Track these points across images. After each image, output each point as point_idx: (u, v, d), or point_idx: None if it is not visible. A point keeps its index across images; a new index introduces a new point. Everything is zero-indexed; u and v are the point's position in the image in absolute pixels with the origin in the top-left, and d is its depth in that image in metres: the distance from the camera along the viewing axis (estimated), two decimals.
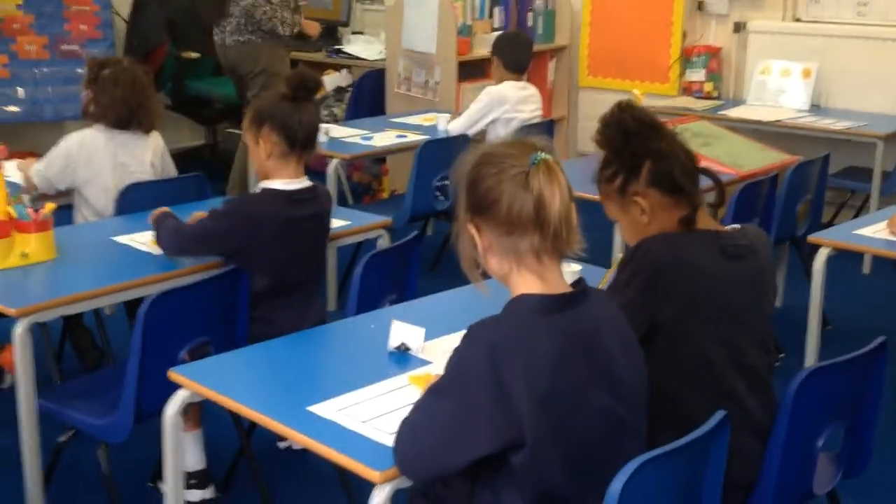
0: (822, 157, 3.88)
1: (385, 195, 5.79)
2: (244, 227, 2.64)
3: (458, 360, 1.60)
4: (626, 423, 1.63)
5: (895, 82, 5.04)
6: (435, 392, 1.65)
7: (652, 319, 1.91)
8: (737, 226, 2.08)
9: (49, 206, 2.79)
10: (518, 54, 4.69)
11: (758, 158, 3.97)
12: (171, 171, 3.55)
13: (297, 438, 1.80)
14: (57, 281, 2.66)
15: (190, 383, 2.01)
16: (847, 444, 2.06)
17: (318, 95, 5.84)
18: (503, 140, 1.71)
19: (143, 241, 2.92)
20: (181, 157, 6.55)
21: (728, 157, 3.91)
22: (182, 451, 2.72)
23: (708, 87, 5.55)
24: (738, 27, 5.55)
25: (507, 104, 4.54)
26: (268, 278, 2.68)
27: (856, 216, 4.61)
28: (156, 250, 2.80)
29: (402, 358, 2.12)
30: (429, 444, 1.61)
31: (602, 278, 2.27)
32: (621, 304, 1.77)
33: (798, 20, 5.47)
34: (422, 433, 1.62)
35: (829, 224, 4.30)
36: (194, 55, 6.19)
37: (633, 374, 1.66)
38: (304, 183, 2.76)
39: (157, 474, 2.78)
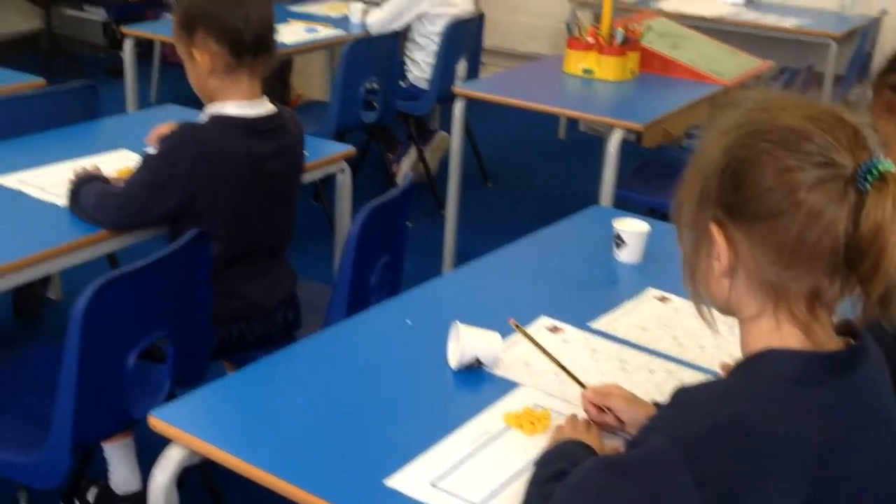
0: (806, 68, 3.47)
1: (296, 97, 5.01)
2: (190, 171, 1.94)
3: (657, 443, 1.04)
4: None
5: None
6: (615, 469, 1.09)
7: None
8: None
9: None
10: None
11: (733, 64, 3.52)
12: None
13: None
14: None
15: (185, 437, 1.37)
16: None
17: None
18: (803, 98, 1.05)
19: (38, 183, 2.17)
20: (13, 45, 5.58)
21: (703, 62, 3.44)
22: (109, 468, 2.11)
23: None
24: None
25: None
26: (227, 239, 2.01)
27: None
28: (58, 196, 2.07)
29: (474, 378, 1.55)
30: None
31: None
32: None
33: None
34: None
35: None
36: None
37: None
38: (265, 106, 2.06)
39: (75, 489, 2.14)
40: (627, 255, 1.96)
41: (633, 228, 1.95)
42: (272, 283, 2.12)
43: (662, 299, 1.81)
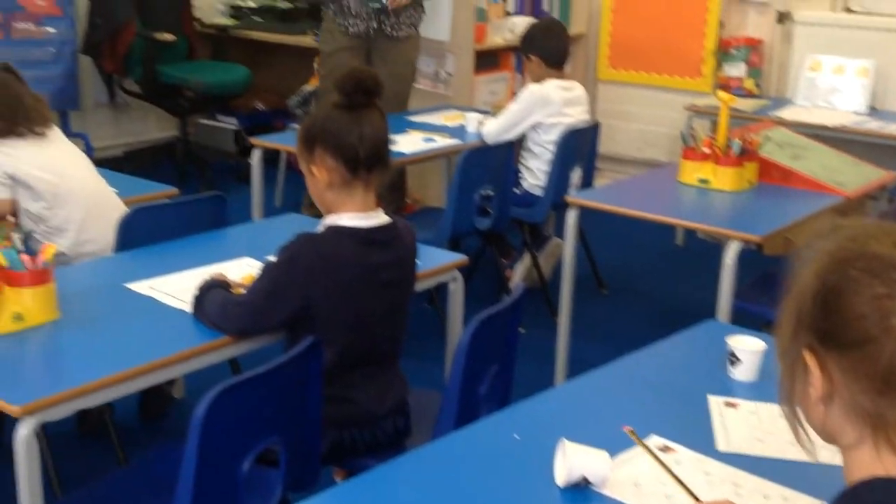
0: None
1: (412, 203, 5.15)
2: (307, 280, 2.02)
3: None
4: None
5: None
6: None
7: None
8: None
9: (49, 249, 2.13)
10: (557, 46, 4.10)
11: (856, 175, 3.46)
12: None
13: None
14: (67, 358, 2.01)
15: None
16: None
17: (310, 87, 5.23)
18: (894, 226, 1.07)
19: (167, 290, 2.28)
20: (150, 153, 5.92)
21: (825, 172, 3.39)
22: None
23: (748, 83, 5.03)
24: (782, 18, 5.03)
25: (551, 106, 3.96)
26: (341, 345, 2.07)
27: None
28: (184, 302, 2.17)
29: (582, 497, 1.53)
30: None
31: None
32: None
33: (849, 11, 4.98)
34: None
35: None
36: (168, 37, 5.45)
37: None
38: (379, 217, 2.14)
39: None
40: (742, 372, 1.92)
41: (748, 346, 1.92)
42: (383, 389, 2.16)
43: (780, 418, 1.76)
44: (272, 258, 2.07)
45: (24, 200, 2.76)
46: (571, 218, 3.29)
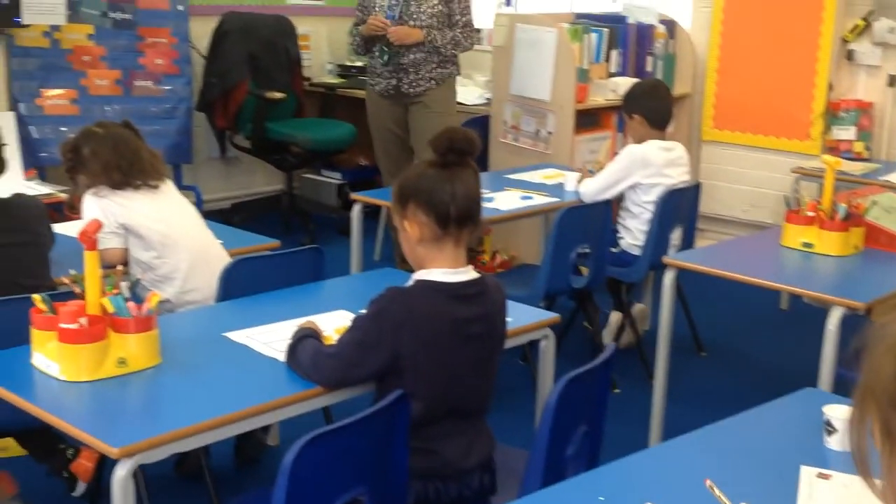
0: None
1: (486, 257, 5.19)
2: (396, 332, 2.05)
3: None
4: None
5: None
6: None
7: None
8: None
9: (154, 298, 2.22)
10: (661, 108, 4.09)
11: None
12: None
13: None
14: (165, 403, 2.08)
15: None
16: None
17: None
18: None
19: (263, 339, 2.34)
20: (257, 205, 6.11)
21: None
22: None
23: (858, 146, 4.92)
24: (893, 80, 4.92)
25: (651, 167, 3.94)
26: (428, 398, 2.08)
27: None
28: (279, 351, 2.22)
29: None
30: None
31: None
32: None
33: None
34: None
35: None
36: (278, 96, 5.64)
37: None
38: (468, 273, 2.17)
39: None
40: (839, 443, 1.86)
41: (845, 415, 1.86)
42: (469, 444, 2.16)
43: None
44: (363, 311, 2.11)
45: (135, 250, 2.88)
46: (668, 279, 3.25)
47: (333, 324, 2.36)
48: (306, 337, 2.17)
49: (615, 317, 4.24)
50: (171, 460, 2.99)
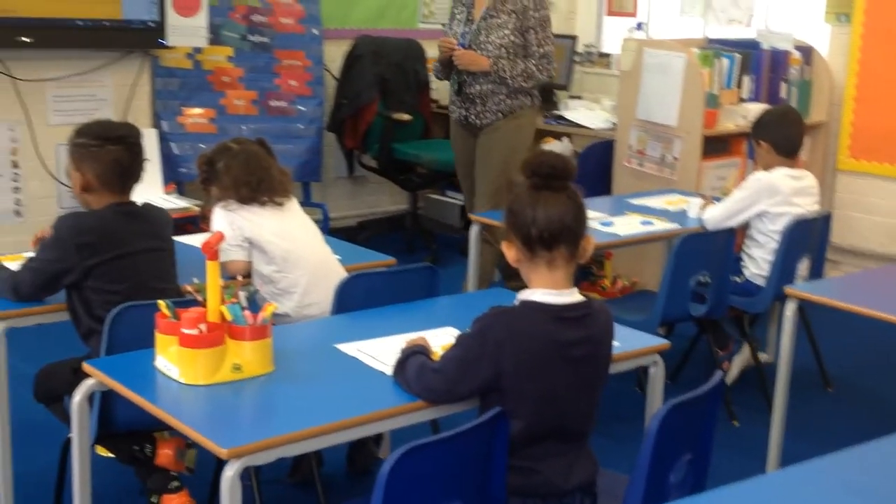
0: None
1: (607, 282, 5.15)
2: (497, 351, 2.07)
3: None
4: None
5: None
6: None
7: None
8: None
9: (269, 308, 2.30)
10: (790, 134, 3.98)
11: None
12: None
13: None
14: (275, 409, 2.16)
15: None
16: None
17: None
18: None
19: (373, 353, 2.39)
20: (382, 224, 6.24)
21: None
22: None
23: None
24: None
25: (778, 196, 3.84)
26: (528, 417, 2.09)
27: None
28: (387, 365, 2.27)
29: None
30: None
31: None
32: None
33: None
34: None
35: None
36: (406, 117, 5.76)
37: None
38: (573, 296, 2.16)
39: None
40: None
41: None
42: (570, 465, 2.15)
43: None
44: (468, 329, 2.14)
45: (257, 263, 2.99)
46: (790, 310, 3.16)
47: (440, 341, 2.40)
48: (416, 352, 2.22)
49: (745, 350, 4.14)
50: (285, 467, 3.09)
